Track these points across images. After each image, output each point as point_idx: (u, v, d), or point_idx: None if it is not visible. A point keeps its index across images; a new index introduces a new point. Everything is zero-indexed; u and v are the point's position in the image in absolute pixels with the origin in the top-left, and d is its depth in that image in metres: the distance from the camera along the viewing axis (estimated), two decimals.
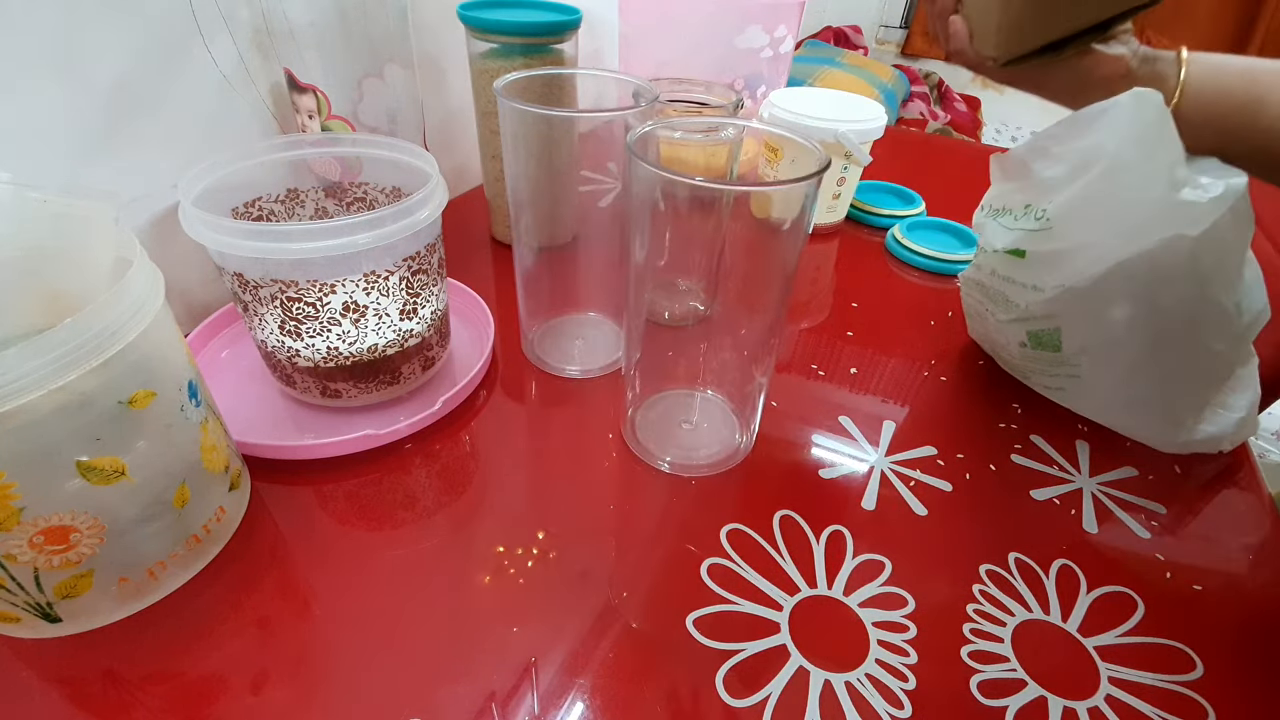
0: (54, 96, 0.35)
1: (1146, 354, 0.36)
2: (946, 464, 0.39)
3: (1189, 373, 0.36)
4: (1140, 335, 0.35)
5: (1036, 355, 0.41)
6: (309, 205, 0.41)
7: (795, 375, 0.45)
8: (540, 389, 0.43)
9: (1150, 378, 0.36)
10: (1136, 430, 0.40)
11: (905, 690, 0.27)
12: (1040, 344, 0.40)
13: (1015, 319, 0.40)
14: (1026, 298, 0.39)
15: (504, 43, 0.47)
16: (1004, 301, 0.41)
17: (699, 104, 0.47)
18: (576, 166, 0.39)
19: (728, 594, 0.30)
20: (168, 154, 0.41)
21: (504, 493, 0.35)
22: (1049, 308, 0.37)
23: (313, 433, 0.37)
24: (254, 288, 0.33)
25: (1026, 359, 0.42)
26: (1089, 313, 0.36)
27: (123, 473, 0.25)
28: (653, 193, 0.29)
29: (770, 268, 0.32)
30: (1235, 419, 0.37)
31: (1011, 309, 0.40)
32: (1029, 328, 0.40)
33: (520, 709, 0.26)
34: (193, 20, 0.39)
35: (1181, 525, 0.36)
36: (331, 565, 0.31)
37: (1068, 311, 0.37)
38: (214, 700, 0.25)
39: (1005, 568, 0.33)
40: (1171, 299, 0.33)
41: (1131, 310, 0.34)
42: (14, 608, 0.26)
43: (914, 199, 0.69)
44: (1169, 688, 0.28)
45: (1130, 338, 0.35)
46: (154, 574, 0.28)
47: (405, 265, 0.35)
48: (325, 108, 0.44)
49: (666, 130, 0.33)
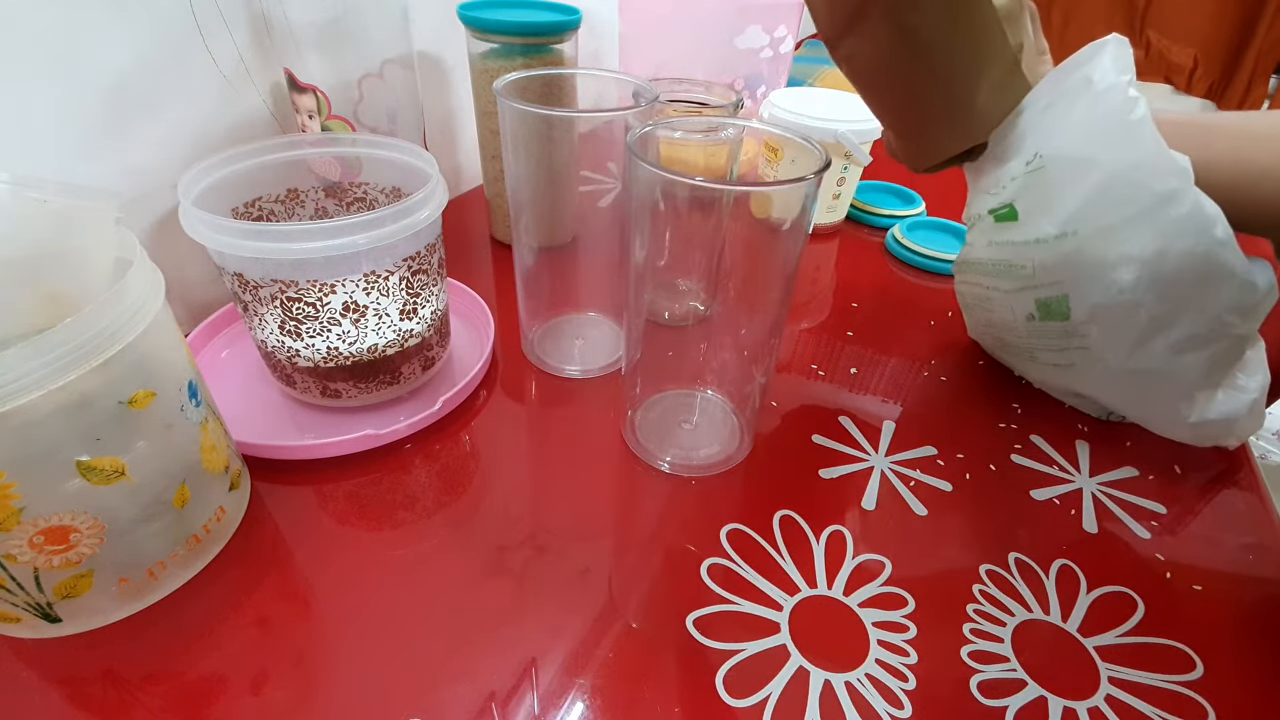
0: (54, 96, 0.35)
1: (1157, 322, 0.34)
2: (946, 464, 0.39)
3: (1202, 346, 0.35)
4: (1149, 299, 0.34)
5: (1045, 328, 0.40)
6: (309, 205, 0.41)
7: (795, 375, 0.45)
8: (540, 389, 0.43)
9: (1162, 349, 0.35)
10: (1147, 409, 0.39)
11: (905, 690, 0.27)
12: (1049, 313, 0.38)
13: (1022, 288, 0.39)
14: (1033, 255, 0.37)
15: (504, 43, 0.47)
16: (1007, 269, 0.39)
17: (699, 104, 0.47)
18: (576, 166, 0.39)
19: (728, 594, 0.30)
20: (168, 154, 0.41)
21: (504, 493, 0.35)
22: (1056, 259, 0.36)
23: (313, 433, 0.37)
24: (254, 288, 0.33)
25: (1034, 334, 0.41)
26: (1096, 268, 0.35)
27: (123, 473, 0.25)
28: (653, 193, 0.29)
29: (770, 268, 0.32)
30: (1249, 400, 0.36)
31: (1017, 273, 0.39)
32: (1037, 295, 0.38)
33: (520, 709, 0.26)
34: (193, 20, 0.39)
35: (1181, 525, 0.36)
36: (331, 565, 0.31)
37: (1075, 269, 0.36)
38: (214, 700, 0.25)
39: (1005, 568, 0.33)
40: (1179, 252, 0.32)
41: (1138, 269, 0.33)
42: (14, 608, 0.26)
43: (914, 199, 0.69)
44: (1169, 688, 0.28)
45: (1140, 300, 0.34)
46: (154, 574, 0.28)
47: (405, 265, 0.35)
48: (325, 108, 0.44)
49: (666, 130, 0.33)
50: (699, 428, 0.40)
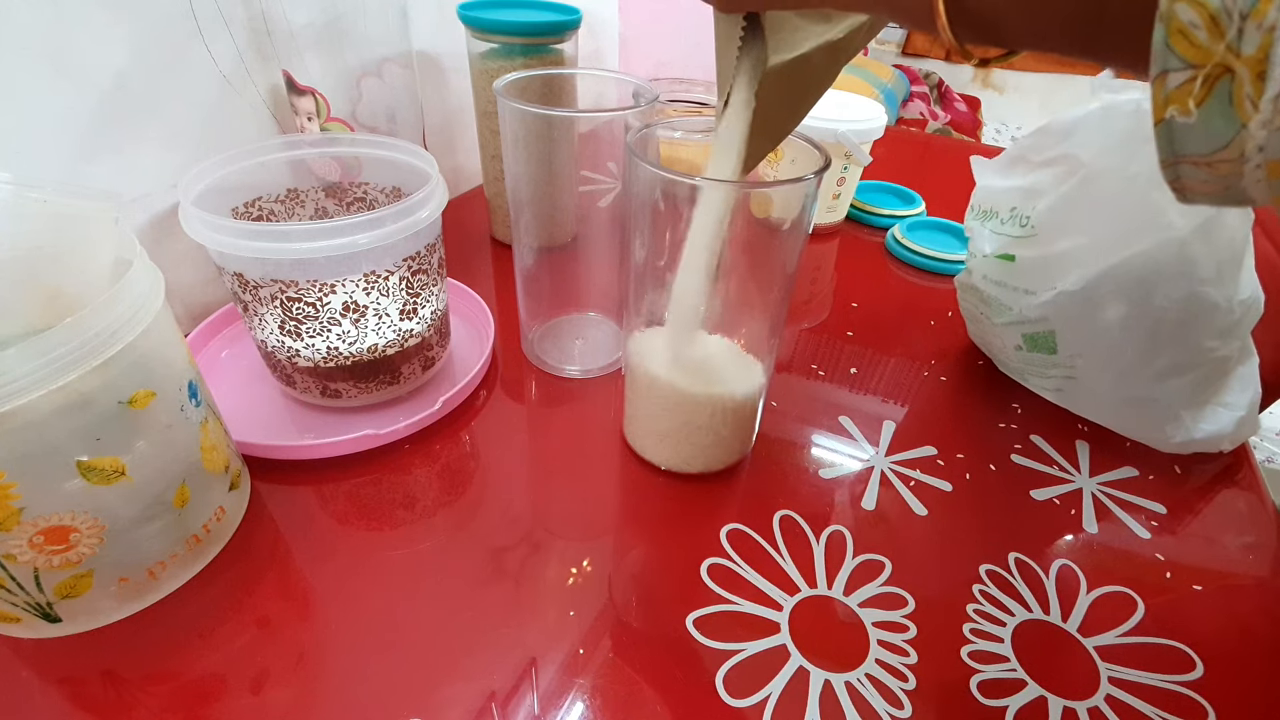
0: (54, 96, 0.35)
1: (1141, 354, 0.36)
2: (946, 464, 0.39)
3: (1185, 371, 0.36)
4: (1134, 336, 0.35)
5: (1032, 357, 0.41)
6: (309, 205, 0.41)
7: (795, 375, 0.45)
8: (540, 389, 0.43)
9: (1146, 377, 0.36)
10: (1135, 430, 0.40)
11: (905, 690, 0.27)
12: (1036, 346, 0.40)
13: (1010, 322, 0.40)
14: (1019, 301, 0.39)
15: (504, 43, 0.47)
16: (998, 305, 0.41)
17: (699, 104, 0.47)
18: (576, 166, 0.39)
19: (728, 594, 0.30)
20: (168, 154, 0.41)
21: (504, 493, 0.35)
22: (1042, 311, 0.37)
23: (313, 433, 0.37)
24: (254, 288, 0.33)
25: (1023, 361, 0.42)
26: (1083, 315, 0.36)
27: (123, 473, 0.25)
28: (653, 193, 0.29)
29: (770, 268, 0.32)
30: (1235, 418, 0.37)
31: (1005, 312, 0.40)
32: (1024, 330, 0.40)
33: (520, 709, 0.26)
34: (193, 20, 0.39)
35: (1181, 525, 0.36)
36: (331, 565, 0.31)
37: (1061, 314, 0.37)
38: (214, 700, 0.25)
39: (1005, 568, 0.33)
40: (1165, 298, 0.33)
41: (1125, 311, 0.34)
42: (14, 608, 0.26)
43: (914, 199, 0.69)
44: (1169, 688, 0.28)
45: (1125, 338, 0.35)
46: (154, 574, 0.28)
47: (405, 265, 0.35)
48: (324, 110, 0.44)
49: (666, 130, 0.33)
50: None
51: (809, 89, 0.27)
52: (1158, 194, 0.32)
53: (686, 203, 0.28)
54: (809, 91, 0.27)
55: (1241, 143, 0.12)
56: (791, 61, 0.24)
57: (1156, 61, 0.13)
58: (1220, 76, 0.12)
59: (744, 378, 0.34)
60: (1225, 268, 0.33)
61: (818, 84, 0.27)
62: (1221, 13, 0.11)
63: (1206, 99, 0.12)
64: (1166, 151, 0.14)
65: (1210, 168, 0.13)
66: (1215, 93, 0.12)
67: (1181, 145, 0.13)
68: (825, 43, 0.24)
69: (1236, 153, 0.12)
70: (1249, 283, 0.34)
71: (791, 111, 0.28)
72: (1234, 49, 0.12)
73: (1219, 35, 0.12)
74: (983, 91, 2.09)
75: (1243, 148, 0.12)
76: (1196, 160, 0.13)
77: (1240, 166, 0.13)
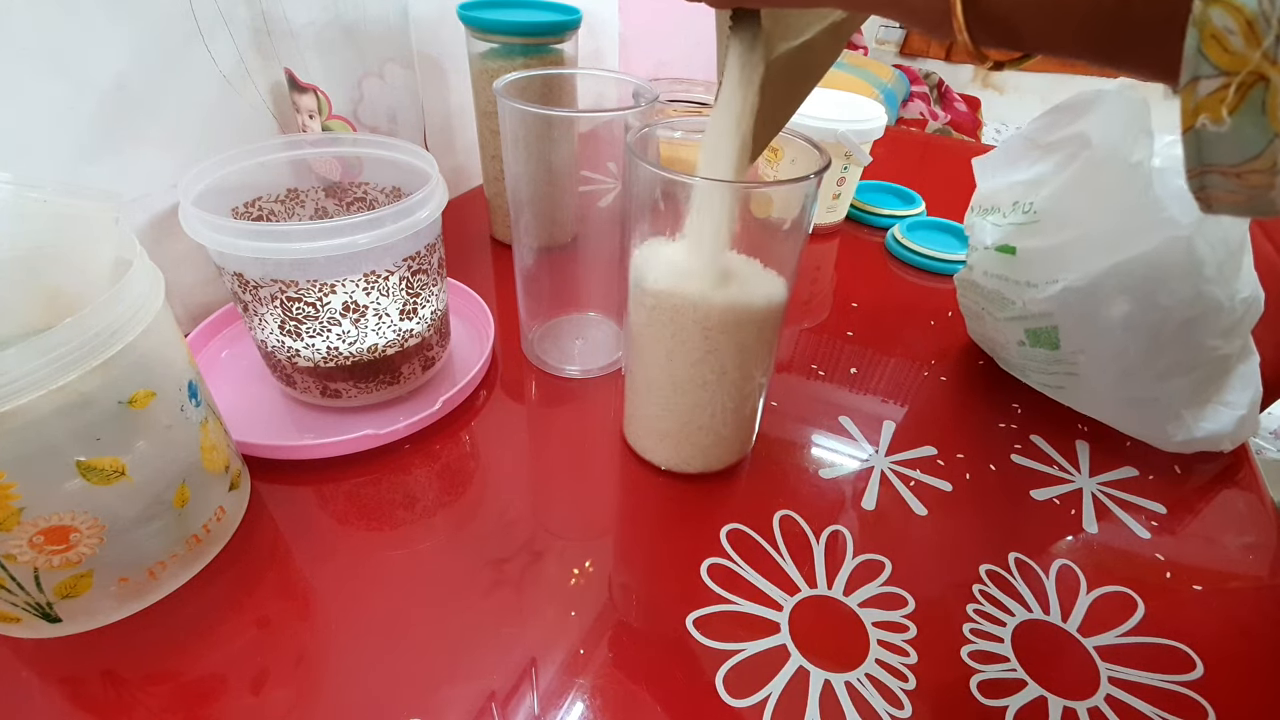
0: (54, 96, 0.35)
1: (1144, 352, 0.36)
2: (946, 464, 0.39)
3: (1187, 370, 0.36)
4: (1138, 334, 0.35)
5: (1035, 353, 0.41)
6: (309, 205, 0.41)
7: (795, 375, 0.45)
8: (540, 389, 0.43)
9: (1148, 375, 0.36)
10: (1137, 428, 0.40)
11: (905, 690, 0.27)
12: (1038, 341, 0.40)
13: (1013, 317, 0.40)
14: (1022, 295, 0.39)
15: (504, 43, 0.47)
16: (1000, 300, 0.41)
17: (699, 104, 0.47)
18: (576, 166, 0.39)
19: (728, 594, 0.30)
20: (168, 154, 0.41)
21: (504, 493, 0.35)
22: (1046, 305, 0.37)
23: (313, 433, 0.37)
24: (254, 288, 0.33)
25: (1025, 357, 0.42)
26: (1087, 312, 0.36)
27: (123, 473, 0.25)
28: (653, 193, 0.29)
29: (770, 267, 0.32)
30: (1237, 416, 0.37)
31: (1008, 307, 0.40)
32: (1027, 326, 0.40)
33: (520, 709, 0.26)
34: (193, 20, 0.39)
35: (1181, 525, 0.36)
36: (331, 565, 0.31)
37: (1066, 310, 0.37)
38: (214, 700, 0.25)
39: (1005, 568, 0.33)
40: (1170, 297, 0.33)
41: (1130, 309, 0.34)
42: (14, 608, 0.26)
43: (914, 199, 0.69)
44: (1169, 688, 0.28)
45: (1129, 336, 0.35)
46: (154, 574, 0.28)
47: (405, 265, 0.35)
48: (326, 108, 0.44)
49: (666, 130, 0.33)
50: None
51: (813, 69, 0.28)
52: (1158, 189, 0.32)
53: (686, 203, 0.28)
54: (813, 72, 0.28)
55: (1274, 153, 0.12)
56: (796, 49, 0.25)
57: (1188, 68, 0.12)
58: (1254, 84, 0.12)
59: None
60: (1224, 265, 0.33)
61: (821, 64, 0.27)
62: (1259, 18, 0.11)
63: (1239, 107, 0.12)
64: (1194, 160, 0.13)
65: (1240, 178, 0.13)
66: (1248, 101, 0.12)
67: (1210, 154, 0.13)
68: (829, 24, 0.25)
69: (1268, 163, 0.12)
70: (1249, 281, 0.34)
71: (796, 93, 0.28)
72: (1270, 56, 0.11)
73: (1255, 42, 0.11)
74: (983, 91, 2.09)
75: (1275, 158, 0.12)
76: (1225, 170, 0.13)
77: (1272, 178, 0.12)
